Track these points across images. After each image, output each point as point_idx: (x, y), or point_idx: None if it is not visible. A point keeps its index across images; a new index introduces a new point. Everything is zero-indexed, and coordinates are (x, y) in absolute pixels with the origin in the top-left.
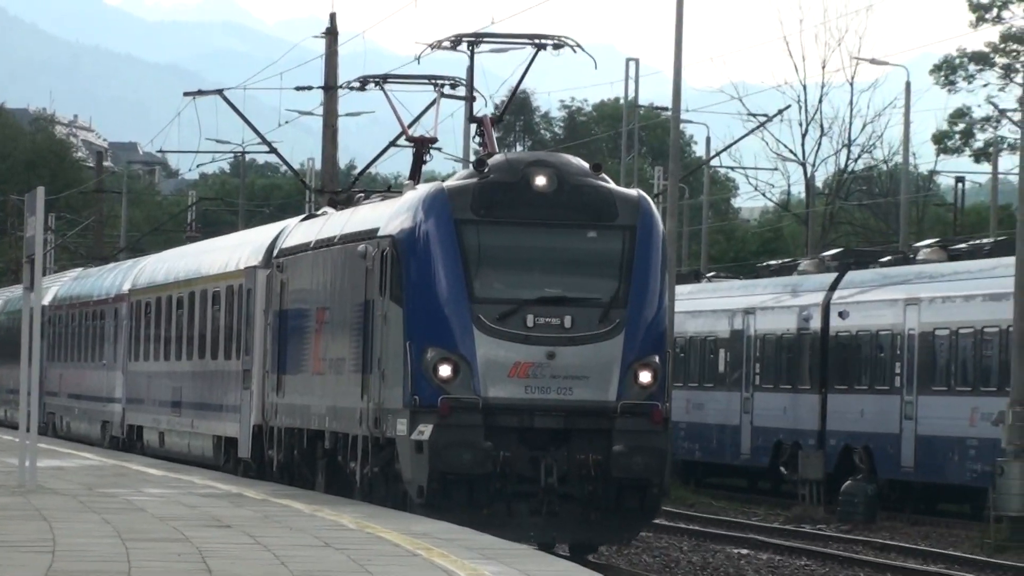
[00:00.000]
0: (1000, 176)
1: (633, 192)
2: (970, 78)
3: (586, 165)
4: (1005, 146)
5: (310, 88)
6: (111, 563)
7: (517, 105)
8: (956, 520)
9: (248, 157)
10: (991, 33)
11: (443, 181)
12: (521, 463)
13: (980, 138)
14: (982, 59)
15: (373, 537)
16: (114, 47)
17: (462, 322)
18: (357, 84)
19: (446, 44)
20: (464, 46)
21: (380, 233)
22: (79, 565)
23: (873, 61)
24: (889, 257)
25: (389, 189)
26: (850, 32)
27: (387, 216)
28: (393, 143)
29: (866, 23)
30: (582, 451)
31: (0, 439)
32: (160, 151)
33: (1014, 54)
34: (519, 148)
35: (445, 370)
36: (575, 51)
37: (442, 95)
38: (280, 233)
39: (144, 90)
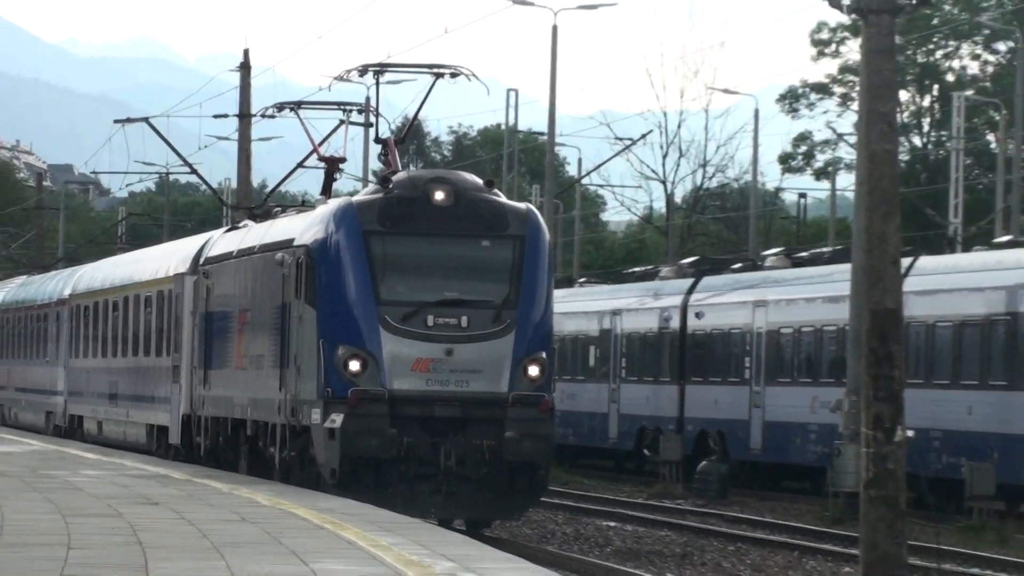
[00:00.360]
0: (838, 192)
1: (523, 206)
2: (811, 106)
3: (480, 181)
4: (842, 166)
5: (226, 116)
6: (53, 536)
7: (411, 130)
8: (799, 496)
9: (172, 177)
10: (830, 66)
11: (352, 196)
12: (423, 448)
13: (820, 159)
14: (822, 89)
15: (285, 512)
16: (51, 80)
17: (369, 322)
18: (274, 110)
19: (354, 74)
20: (370, 75)
21: (296, 243)
22: (25, 539)
23: (726, 91)
24: (740, 264)
25: (303, 204)
26: (706, 65)
27: (302, 228)
28: (301, 164)
29: (719, 57)
30: (477, 437)
31: None
32: (93, 172)
33: (850, 84)
34: (412, 168)
35: (354, 365)
36: (469, 79)
37: (349, 121)
38: (206, 243)
39: (79, 118)
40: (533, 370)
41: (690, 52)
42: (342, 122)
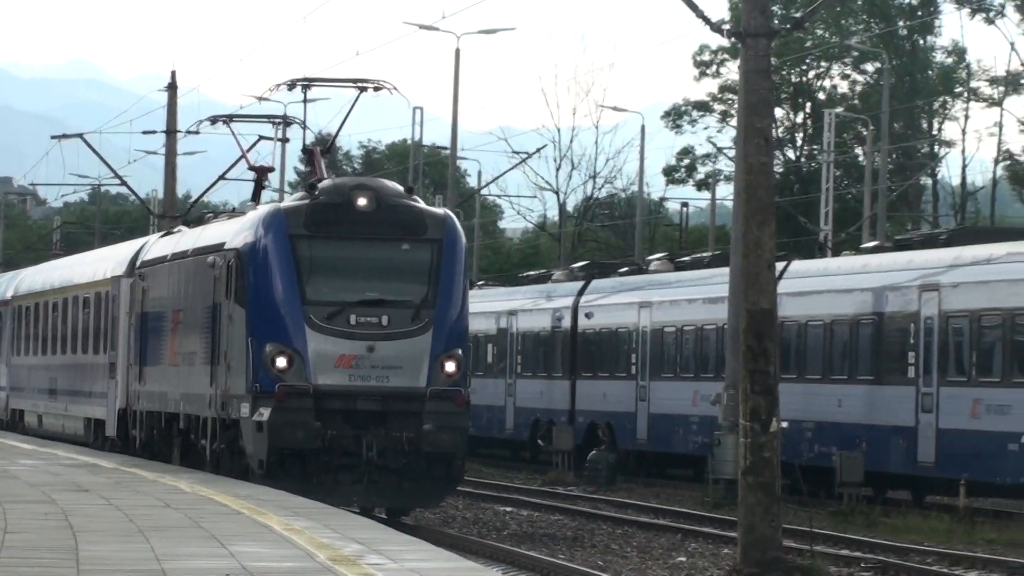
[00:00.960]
0: (717, 201)
1: (440, 211)
2: (693, 122)
3: (401, 188)
4: (722, 177)
5: (155, 132)
6: None
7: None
8: (682, 482)
9: (103, 189)
10: (711, 85)
11: (279, 203)
12: (346, 440)
13: (701, 171)
14: (703, 107)
15: (205, 499)
16: None
17: (295, 321)
18: (208, 123)
19: (282, 89)
20: (287, 92)
21: (227, 247)
22: None
23: (615, 108)
24: (627, 268)
25: (234, 211)
26: (596, 85)
27: (232, 232)
28: (224, 175)
29: (609, 77)
30: (397, 429)
31: None
32: (31, 184)
33: (729, 102)
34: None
35: (281, 361)
36: (391, 93)
37: (279, 137)
38: (142, 248)
39: (19, 134)
40: (450, 366)
41: (582, 73)
42: (261, 138)
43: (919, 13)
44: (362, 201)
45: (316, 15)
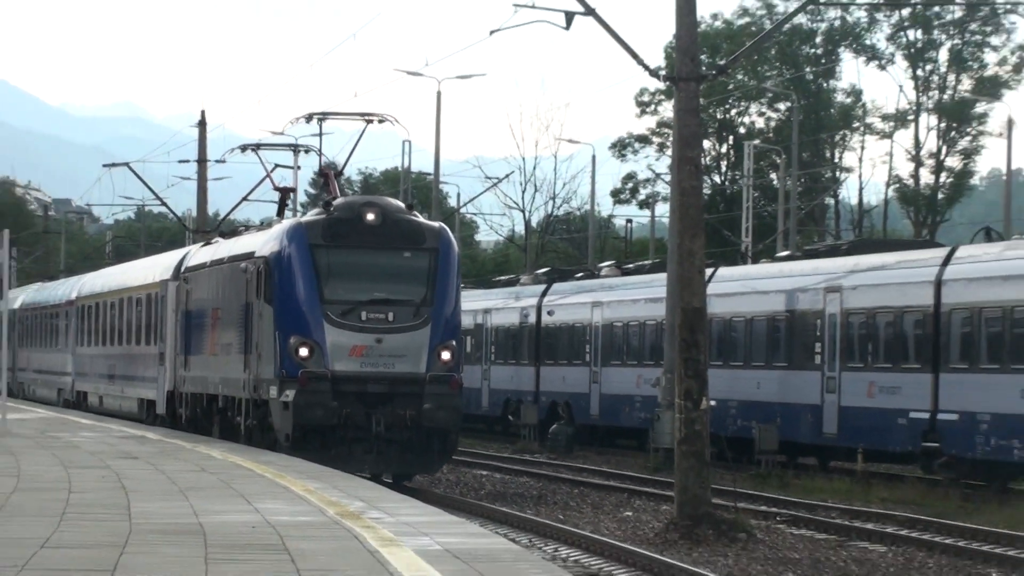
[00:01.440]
0: (656, 218)
1: (436, 224)
2: (636, 152)
3: (403, 205)
4: (660, 198)
5: (188, 161)
6: (58, 483)
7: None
8: (628, 451)
9: (146, 208)
10: (650, 121)
11: (300, 218)
12: (358, 417)
13: (643, 193)
14: (644, 139)
15: (235, 465)
16: (55, 134)
17: (315, 317)
18: (237, 150)
19: (301, 119)
20: (303, 125)
21: (256, 255)
22: (35, 485)
23: (570, 141)
24: (582, 274)
25: (262, 225)
26: (554, 121)
27: (261, 242)
28: (245, 198)
29: (565, 115)
30: (401, 408)
31: None
32: (87, 204)
33: (665, 135)
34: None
35: (304, 351)
36: (393, 124)
37: (294, 164)
38: (185, 256)
39: (74, 164)
40: (445, 355)
41: (543, 111)
42: (277, 166)
43: (823, 61)
44: (370, 216)
45: (321, 63)
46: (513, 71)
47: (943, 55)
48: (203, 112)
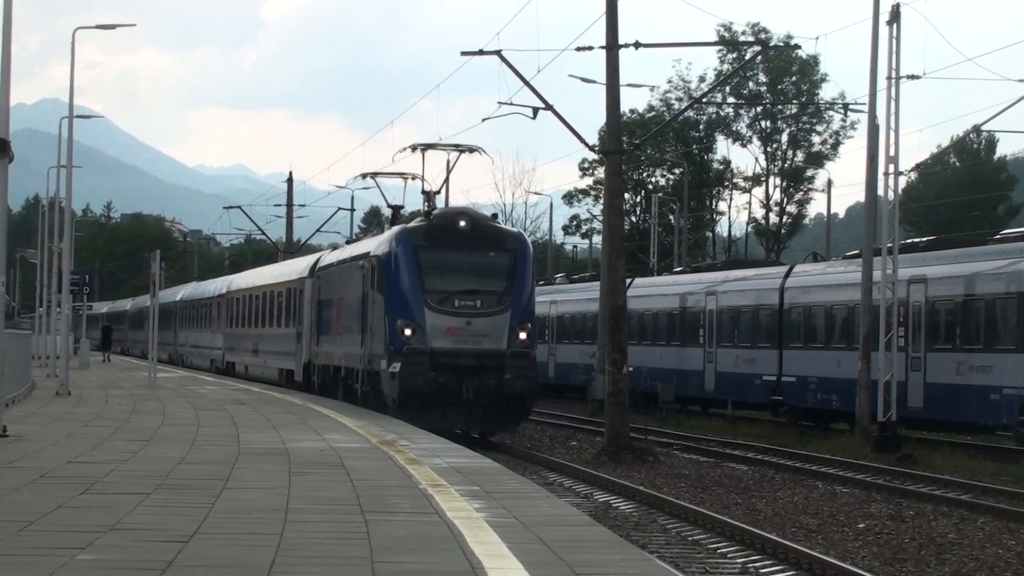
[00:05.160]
0: (593, 245)
1: (515, 230)
2: (580, 200)
3: (488, 215)
4: (595, 231)
5: (279, 206)
6: (191, 420)
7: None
8: (574, 401)
9: (252, 236)
10: (589, 180)
11: (406, 225)
12: (451, 385)
13: (584, 228)
14: (585, 192)
15: (309, 409)
16: (192, 186)
17: (418, 304)
18: (360, 178)
19: (407, 150)
20: (418, 152)
21: (371, 255)
22: (175, 421)
23: (536, 193)
24: (543, 282)
25: (375, 232)
26: (525, 179)
27: (375, 245)
28: (319, 229)
29: (532, 175)
30: (487, 378)
31: (142, 368)
32: (213, 233)
33: (600, 189)
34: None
35: (408, 331)
36: (481, 154)
37: (405, 184)
38: (318, 258)
39: (204, 207)
40: (522, 335)
41: (517, 173)
42: (340, 208)
43: (704, 141)
44: (462, 223)
45: (372, 140)
46: (497, 146)
47: (784, 137)
48: (291, 173)
